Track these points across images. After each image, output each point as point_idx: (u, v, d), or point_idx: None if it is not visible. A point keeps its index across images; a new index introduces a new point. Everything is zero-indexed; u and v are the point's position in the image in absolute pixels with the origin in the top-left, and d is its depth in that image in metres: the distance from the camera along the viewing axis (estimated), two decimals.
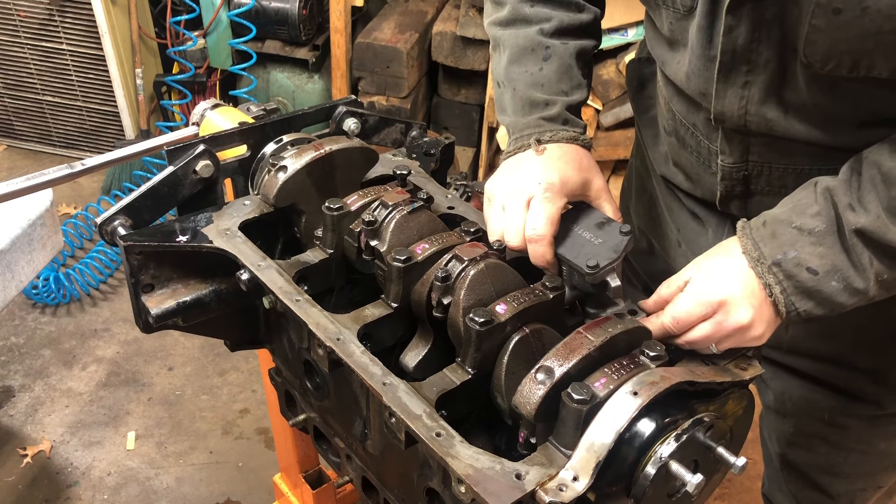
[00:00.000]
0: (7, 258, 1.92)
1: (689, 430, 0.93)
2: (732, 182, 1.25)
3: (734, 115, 1.14)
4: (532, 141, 1.20)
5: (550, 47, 1.26)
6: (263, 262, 1.17)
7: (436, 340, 1.12)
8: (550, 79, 1.25)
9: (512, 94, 1.27)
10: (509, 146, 1.24)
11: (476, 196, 1.31)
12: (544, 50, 1.26)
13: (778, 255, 1.03)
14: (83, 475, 2.64)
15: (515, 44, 1.27)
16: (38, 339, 3.14)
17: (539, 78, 1.25)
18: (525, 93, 1.25)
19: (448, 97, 3.76)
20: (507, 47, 1.29)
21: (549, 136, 1.20)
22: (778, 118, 1.12)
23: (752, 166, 1.22)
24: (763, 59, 1.07)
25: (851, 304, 1.04)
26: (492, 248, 1.13)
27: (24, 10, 3.72)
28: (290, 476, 1.95)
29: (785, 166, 1.20)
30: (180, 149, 1.27)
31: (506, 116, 1.29)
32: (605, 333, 0.98)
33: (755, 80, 1.09)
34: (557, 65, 1.26)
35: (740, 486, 2.67)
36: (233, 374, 3.03)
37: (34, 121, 4.08)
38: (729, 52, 1.07)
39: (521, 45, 1.27)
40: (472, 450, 0.89)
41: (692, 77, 1.17)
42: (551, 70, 1.25)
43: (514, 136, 1.24)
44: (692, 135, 1.30)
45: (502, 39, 1.30)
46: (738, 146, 1.21)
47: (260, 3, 3.66)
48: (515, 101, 1.26)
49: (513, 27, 1.29)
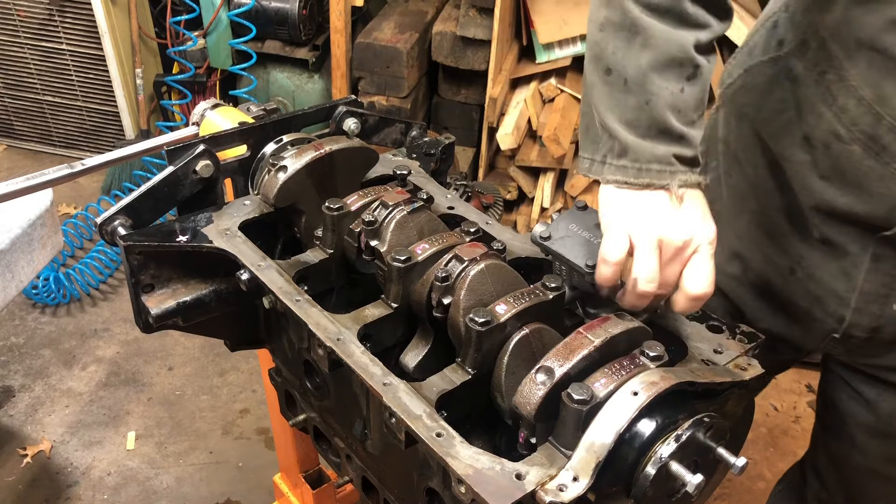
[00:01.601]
0: (7, 258, 1.92)
1: (689, 431, 0.92)
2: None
3: None
4: (674, 188, 1.07)
5: (700, 67, 1.09)
6: (263, 262, 1.17)
7: (436, 341, 1.12)
8: (688, 105, 1.09)
9: (640, 104, 1.08)
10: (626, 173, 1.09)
11: (476, 196, 1.30)
12: (692, 68, 1.08)
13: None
14: (83, 475, 2.64)
15: (666, 49, 1.07)
16: (38, 339, 3.14)
17: (678, 100, 1.08)
18: (660, 113, 1.08)
19: (448, 97, 3.76)
20: (652, 46, 1.07)
21: (681, 179, 1.08)
22: None
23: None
24: None
25: None
26: (492, 247, 1.13)
27: (24, 10, 3.72)
28: (290, 476, 1.95)
29: None
30: (180, 149, 1.27)
31: (617, 123, 1.10)
32: (605, 333, 0.97)
33: None
34: (699, 89, 1.10)
35: (740, 486, 2.68)
36: (233, 374, 3.03)
37: (34, 121, 4.08)
38: None
39: (671, 55, 1.07)
40: (472, 450, 0.89)
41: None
42: (692, 94, 1.09)
43: (635, 165, 1.08)
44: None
45: (649, 30, 1.07)
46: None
47: (260, 3, 3.66)
48: (643, 117, 1.08)
49: (667, 20, 1.07)
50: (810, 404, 3.01)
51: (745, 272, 1.47)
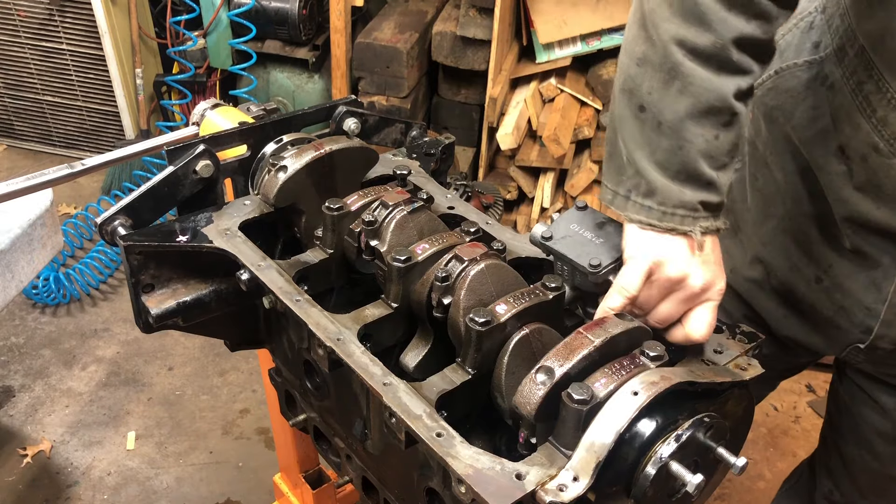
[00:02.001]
0: (7, 258, 1.92)
1: (689, 431, 0.92)
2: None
3: None
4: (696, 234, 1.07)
5: (738, 115, 1.06)
6: (263, 262, 1.17)
7: (436, 340, 1.12)
8: (722, 151, 1.07)
9: (673, 148, 1.05)
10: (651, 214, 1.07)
11: (476, 196, 1.30)
12: (730, 115, 1.05)
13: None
14: (83, 475, 2.64)
15: (705, 98, 1.04)
16: (38, 339, 3.14)
17: (712, 147, 1.06)
18: (692, 160, 1.05)
19: (448, 97, 3.76)
20: (691, 94, 1.04)
21: (702, 225, 1.07)
22: None
23: None
24: None
25: None
26: (492, 247, 1.13)
27: (24, 10, 3.72)
28: (290, 476, 1.95)
29: None
30: (180, 149, 1.27)
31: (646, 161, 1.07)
32: (605, 333, 0.97)
33: None
34: (735, 135, 1.08)
35: (740, 486, 2.68)
36: (233, 374, 3.03)
37: (34, 121, 4.08)
38: None
39: (710, 103, 1.04)
40: (472, 450, 0.89)
41: None
42: (727, 140, 1.07)
43: (661, 208, 1.06)
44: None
45: (689, 76, 1.03)
46: None
47: (260, 3, 3.66)
48: (673, 160, 1.05)
49: (709, 67, 1.03)
50: (810, 404, 3.01)
51: (767, 278, 1.44)
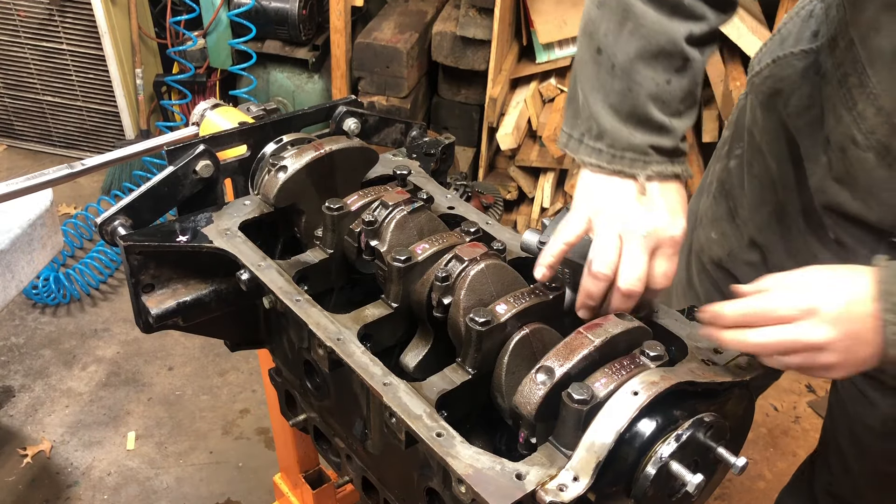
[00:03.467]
0: (7, 258, 1.92)
1: (689, 431, 0.92)
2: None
3: None
4: (640, 179, 1.06)
5: (690, 60, 1.07)
6: (263, 262, 1.17)
7: (436, 340, 1.12)
8: (674, 96, 1.07)
9: (624, 90, 1.06)
10: (601, 157, 1.08)
11: (476, 196, 1.31)
12: (682, 60, 1.06)
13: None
14: (83, 475, 2.64)
15: (655, 40, 1.05)
16: (38, 339, 3.14)
17: (663, 92, 1.07)
18: (642, 102, 1.06)
19: (448, 97, 3.76)
20: (642, 35, 1.05)
21: (654, 170, 1.06)
22: None
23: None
24: None
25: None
26: (492, 247, 1.13)
27: (24, 10, 3.72)
28: (290, 476, 1.95)
29: None
30: (180, 149, 1.27)
31: (600, 104, 1.08)
32: (605, 333, 0.97)
33: None
34: (688, 82, 1.08)
35: (740, 486, 2.67)
36: (233, 374, 3.03)
37: (34, 121, 4.08)
38: None
39: (660, 45, 1.05)
40: (472, 450, 0.89)
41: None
42: (680, 86, 1.07)
43: (610, 150, 1.07)
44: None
45: (641, 17, 1.05)
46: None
47: (260, 3, 3.66)
48: (625, 102, 1.07)
49: (661, 9, 1.05)
50: (810, 404, 3.01)
51: (764, 261, 1.45)
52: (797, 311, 0.95)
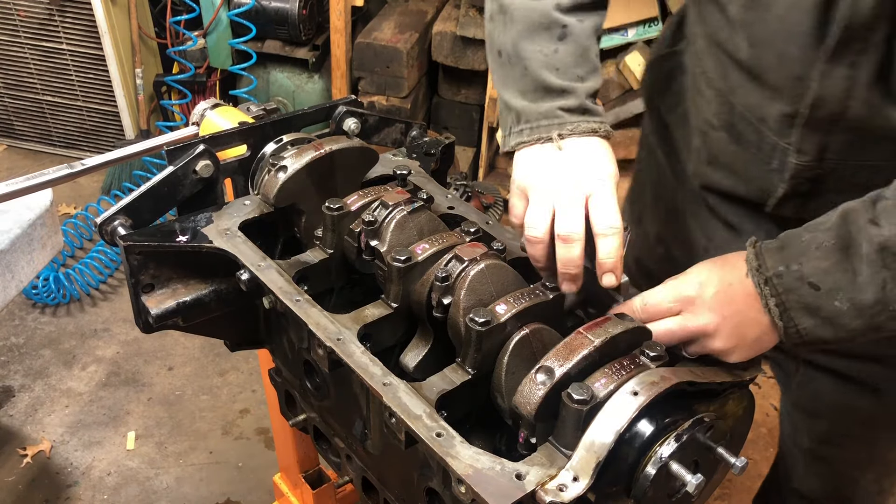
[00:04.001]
0: (7, 258, 1.92)
1: (689, 431, 0.92)
2: (800, 181, 1.19)
3: (835, 100, 1.08)
4: (554, 135, 1.12)
5: (567, 26, 1.16)
6: (263, 262, 1.17)
7: (436, 340, 1.12)
8: (566, 62, 1.15)
9: (521, 72, 1.16)
10: (521, 134, 1.15)
11: (476, 196, 1.31)
12: (560, 28, 1.15)
13: (780, 266, 0.99)
14: (83, 475, 2.64)
15: (528, 18, 1.16)
16: (38, 339, 3.14)
17: (554, 60, 1.15)
18: (538, 75, 1.15)
19: (448, 97, 3.76)
20: (518, 20, 1.17)
21: (569, 129, 1.12)
22: (880, 104, 1.06)
23: (828, 163, 1.16)
24: (878, 36, 1.01)
25: (859, 328, 0.97)
26: (492, 247, 1.13)
27: (24, 10, 3.72)
28: (290, 476, 1.95)
29: (862, 162, 1.14)
30: (180, 149, 1.26)
31: (511, 95, 1.18)
32: (605, 333, 0.97)
33: (864, 60, 1.03)
34: (574, 47, 1.16)
35: (740, 486, 2.67)
36: (233, 374, 3.03)
37: (34, 121, 4.08)
38: (849, 27, 1.01)
39: (534, 21, 1.16)
40: (472, 450, 0.89)
41: (787, 60, 1.09)
42: (567, 52, 1.15)
43: (527, 126, 1.15)
44: (755, 129, 1.21)
45: (513, 9, 1.17)
46: (818, 142, 1.14)
47: (260, 3, 3.66)
48: (525, 82, 1.16)
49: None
50: None
51: (669, 253, 1.54)
52: (680, 301, 1.03)
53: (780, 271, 0.99)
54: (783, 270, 0.99)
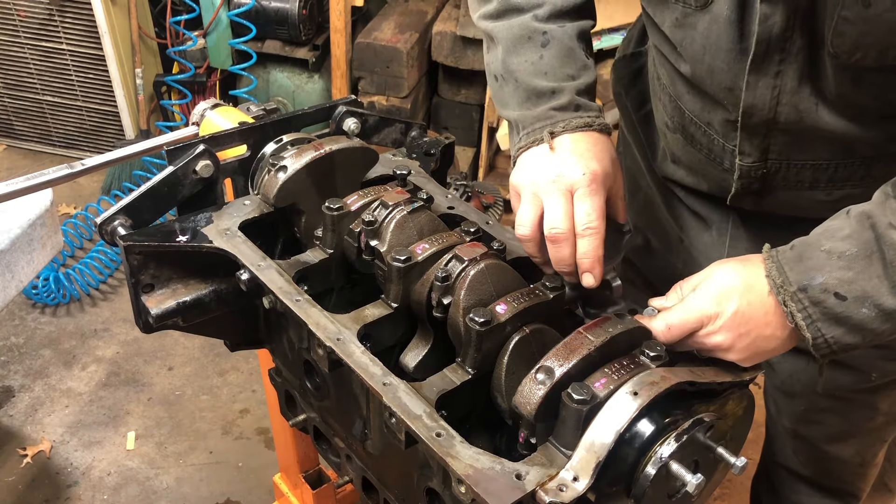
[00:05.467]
0: (7, 258, 1.92)
1: (689, 431, 0.92)
2: (750, 180, 1.24)
3: (765, 107, 1.13)
4: (545, 134, 1.14)
5: (548, 32, 1.20)
6: (263, 262, 1.17)
7: (436, 340, 1.12)
8: (553, 65, 1.19)
9: (514, 86, 1.21)
10: (520, 141, 1.18)
11: (476, 196, 1.33)
12: (541, 36, 1.19)
13: (804, 280, 0.98)
14: (83, 475, 2.64)
15: (510, 34, 1.21)
16: (38, 339, 3.14)
17: (541, 66, 1.19)
18: (528, 83, 1.19)
19: (448, 97, 3.76)
20: (501, 39, 1.22)
21: (561, 126, 1.14)
22: (809, 108, 1.10)
23: (772, 164, 1.21)
24: (796, 47, 1.06)
25: (888, 331, 0.98)
26: (492, 247, 1.13)
27: (24, 10, 3.72)
28: (290, 476, 1.95)
29: (804, 161, 1.19)
30: (180, 149, 1.26)
31: (509, 111, 1.23)
32: (605, 333, 0.97)
33: (787, 69, 1.08)
34: (558, 49, 1.19)
35: (740, 486, 2.67)
36: (233, 374, 3.03)
37: (34, 121, 4.08)
38: (764, 41, 1.06)
39: (515, 35, 1.21)
40: (472, 450, 0.89)
41: (716, 73, 1.14)
42: (552, 56, 1.19)
43: (524, 131, 1.18)
44: (704, 133, 1.27)
45: (495, 32, 1.24)
46: (759, 145, 1.19)
47: (260, 3, 3.66)
48: (519, 94, 1.20)
49: (504, 18, 1.23)
50: None
51: (647, 243, 1.59)
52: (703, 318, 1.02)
53: (804, 285, 0.98)
54: (807, 284, 0.98)
